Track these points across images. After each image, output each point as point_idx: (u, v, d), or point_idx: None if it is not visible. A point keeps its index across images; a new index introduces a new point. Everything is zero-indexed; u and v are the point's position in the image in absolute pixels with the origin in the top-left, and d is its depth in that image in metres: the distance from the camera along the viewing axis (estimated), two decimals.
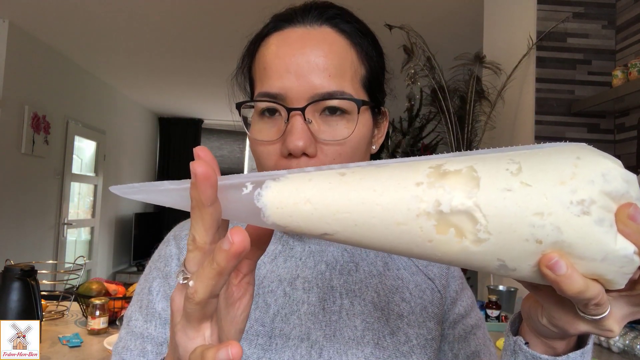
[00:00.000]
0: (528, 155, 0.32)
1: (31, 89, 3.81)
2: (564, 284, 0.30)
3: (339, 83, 0.51)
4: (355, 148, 0.53)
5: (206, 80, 4.92)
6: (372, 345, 0.55)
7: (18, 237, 3.72)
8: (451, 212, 0.30)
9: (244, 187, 0.31)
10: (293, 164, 0.50)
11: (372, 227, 0.31)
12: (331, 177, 0.32)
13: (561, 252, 0.30)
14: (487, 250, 0.31)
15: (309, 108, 0.50)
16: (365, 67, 0.55)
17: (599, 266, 0.31)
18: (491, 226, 0.30)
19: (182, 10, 3.19)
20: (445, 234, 0.31)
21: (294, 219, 0.32)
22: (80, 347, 1.45)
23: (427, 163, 0.32)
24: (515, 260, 0.31)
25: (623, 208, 0.30)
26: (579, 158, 0.31)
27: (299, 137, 0.49)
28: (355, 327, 0.56)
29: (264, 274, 0.58)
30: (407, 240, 0.31)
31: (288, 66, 0.51)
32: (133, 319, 0.57)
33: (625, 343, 1.52)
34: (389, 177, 0.32)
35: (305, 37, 0.52)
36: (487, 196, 0.30)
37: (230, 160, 7.15)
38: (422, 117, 2.94)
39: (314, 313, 0.56)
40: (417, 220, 0.31)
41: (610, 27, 2.12)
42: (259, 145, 0.53)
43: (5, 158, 3.53)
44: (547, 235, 0.30)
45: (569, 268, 0.30)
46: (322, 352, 0.54)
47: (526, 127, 2.16)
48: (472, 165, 0.31)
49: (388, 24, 2.21)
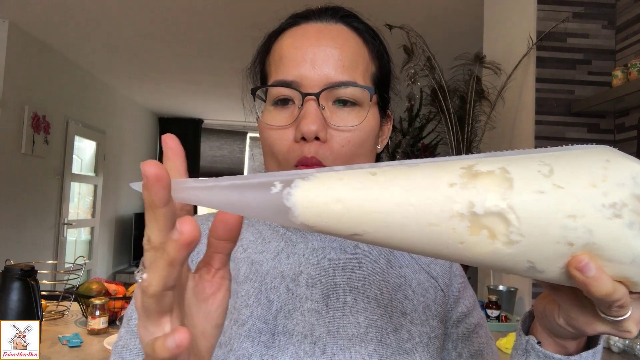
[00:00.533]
0: (558, 157, 0.32)
1: (31, 89, 3.81)
2: (592, 286, 0.31)
3: (352, 74, 0.54)
4: (364, 139, 0.55)
5: (206, 80, 4.92)
6: (376, 342, 0.55)
7: (18, 237, 3.72)
8: (485, 213, 0.30)
9: (273, 185, 0.31)
10: (305, 148, 0.52)
11: (403, 228, 0.31)
12: (362, 176, 0.32)
13: (591, 254, 0.30)
14: (518, 252, 0.31)
15: (322, 95, 0.52)
16: (376, 65, 0.58)
17: (627, 269, 0.31)
18: (524, 228, 0.30)
19: (182, 10, 3.19)
20: (477, 235, 0.31)
21: (323, 219, 0.31)
22: (80, 347, 1.45)
23: (459, 163, 0.32)
24: (545, 262, 0.31)
25: None
26: (609, 161, 0.32)
27: (313, 120, 0.51)
28: (358, 323, 0.56)
29: (266, 270, 0.58)
30: (437, 242, 0.31)
31: (304, 55, 0.53)
32: (133, 318, 0.57)
33: (625, 343, 1.52)
34: (422, 177, 0.31)
35: (322, 31, 0.55)
36: (520, 198, 0.30)
37: (231, 160, 7.15)
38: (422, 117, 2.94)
39: (317, 309, 0.56)
40: (450, 221, 0.30)
41: (610, 27, 2.12)
42: (270, 131, 0.55)
43: (5, 158, 3.53)
44: (578, 238, 0.30)
45: (598, 270, 0.30)
46: (326, 348, 0.54)
47: (526, 127, 2.16)
48: (504, 166, 0.31)
49: (388, 24, 2.21)
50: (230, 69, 4.29)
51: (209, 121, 7.04)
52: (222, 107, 6.17)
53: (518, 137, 2.24)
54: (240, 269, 0.59)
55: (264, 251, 0.60)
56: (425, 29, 2.36)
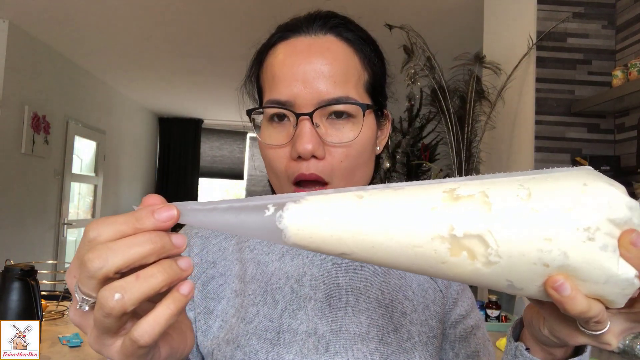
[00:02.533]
0: (537, 181, 0.34)
1: (31, 89, 3.81)
2: (567, 304, 0.32)
3: (344, 89, 0.54)
4: (362, 150, 0.56)
5: (206, 80, 4.92)
6: (377, 340, 0.57)
7: (18, 237, 3.72)
8: (464, 236, 0.32)
9: (266, 209, 0.33)
10: (302, 166, 0.53)
11: (388, 249, 0.33)
12: (349, 199, 0.34)
13: (566, 275, 0.32)
14: (497, 272, 0.33)
15: (316, 113, 0.53)
16: (368, 72, 0.58)
17: (601, 288, 0.33)
18: (502, 250, 0.32)
19: (182, 10, 3.19)
20: (458, 256, 0.33)
21: (314, 240, 0.33)
22: (80, 347, 1.45)
23: (441, 187, 0.34)
24: (523, 281, 0.33)
25: (626, 234, 0.32)
26: (586, 185, 0.33)
27: (308, 140, 0.52)
28: (360, 322, 0.58)
29: (272, 271, 0.61)
30: (421, 262, 0.33)
31: (295, 74, 0.53)
32: None
33: (625, 343, 1.52)
34: (405, 201, 0.33)
35: (311, 46, 0.55)
36: (498, 221, 0.32)
37: (230, 160, 7.15)
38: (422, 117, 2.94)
39: (320, 309, 0.58)
40: (432, 243, 0.32)
41: (610, 27, 2.12)
42: (269, 149, 0.56)
43: (5, 158, 3.53)
44: (553, 260, 0.32)
45: (573, 290, 0.32)
46: (329, 346, 0.56)
47: (526, 127, 2.16)
48: (484, 190, 0.33)
49: (388, 24, 2.21)
50: (230, 69, 4.29)
51: (209, 121, 7.04)
52: (222, 107, 6.17)
53: (518, 137, 2.24)
54: (247, 269, 0.61)
55: (269, 252, 0.62)
56: (425, 29, 2.35)
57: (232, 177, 7.16)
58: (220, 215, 0.33)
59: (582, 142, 2.09)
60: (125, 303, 0.29)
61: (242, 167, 7.14)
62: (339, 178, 0.54)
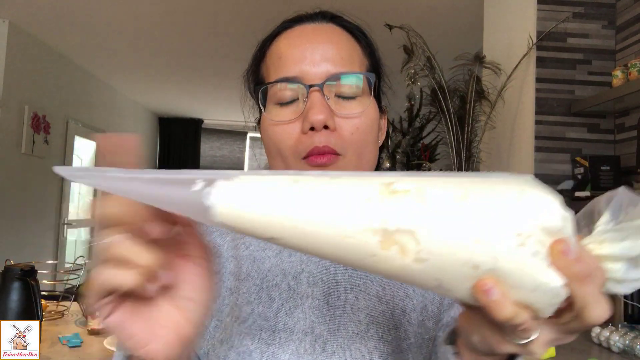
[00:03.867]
0: (475, 183, 0.33)
1: (31, 89, 3.81)
2: (494, 310, 0.32)
3: (350, 67, 0.56)
4: (370, 126, 0.56)
5: (206, 80, 4.92)
6: (376, 339, 0.56)
7: (18, 237, 3.72)
8: (396, 230, 0.31)
9: (194, 183, 0.31)
10: (315, 139, 0.52)
11: (318, 237, 0.32)
12: (284, 182, 0.32)
13: (496, 279, 0.32)
14: (426, 269, 0.32)
15: (326, 86, 0.54)
16: (368, 60, 0.60)
17: (529, 295, 0.32)
18: (432, 247, 0.31)
19: (182, 10, 3.19)
20: (388, 250, 0.32)
21: (242, 221, 0.32)
22: (80, 347, 1.45)
23: (379, 179, 0.33)
24: (452, 281, 0.33)
25: (557, 243, 0.32)
26: (523, 191, 0.33)
27: (320, 110, 0.52)
28: (359, 321, 0.56)
29: (268, 267, 0.59)
30: (351, 253, 0.32)
31: (303, 52, 0.55)
32: None
33: (625, 343, 1.52)
34: (340, 190, 0.32)
35: (316, 31, 0.58)
36: (432, 219, 0.32)
37: (231, 160, 7.15)
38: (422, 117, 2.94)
39: (318, 307, 0.57)
40: (363, 235, 0.31)
41: (610, 27, 2.12)
42: (277, 127, 0.55)
43: (5, 158, 3.53)
44: (483, 263, 0.31)
45: (501, 295, 0.32)
46: (326, 346, 0.55)
47: (526, 127, 2.16)
48: (421, 186, 0.33)
49: (388, 24, 2.21)
50: (230, 69, 4.29)
51: (209, 121, 7.04)
52: (222, 107, 6.17)
53: (518, 137, 2.24)
54: (242, 266, 0.60)
55: (266, 249, 0.61)
56: (425, 29, 2.35)
57: None
58: (143, 185, 0.31)
59: (582, 142, 2.09)
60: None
61: (242, 167, 7.14)
62: (351, 152, 0.54)
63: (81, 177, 0.32)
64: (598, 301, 0.33)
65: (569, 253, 0.31)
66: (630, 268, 0.35)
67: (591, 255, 0.34)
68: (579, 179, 1.98)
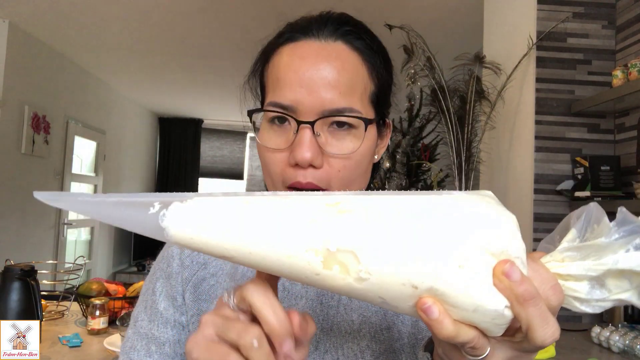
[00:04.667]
0: (422, 202, 0.34)
1: (31, 89, 3.81)
2: (434, 328, 0.32)
3: (349, 100, 0.53)
4: (360, 161, 0.55)
5: (206, 80, 4.92)
6: (369, 338, 0.56)
7: (18, 237, 3.72)
8: (337, 250, 0.32)
9: (152, 206, 0.34)
10: (299, 174, 0.52)
11: (265, 256, 0.33)
12: (234, 204, 0.34)
13: (435, 298, 0.32)
14: (368, 288, 0.33)
15: (318, 122, 0.52)
16: (374, 83, 0.57)
17: (471, 316, 0.32)
18: (372, 267, 0.32)
19: (182, 10, 3.19)
20: (330, 269, 0.33)
21: (195, 241, 0.34)
22: (80, 347, 1.45)
23: (324, 199, 0.34)
24: (394, 300, 0.33)
25: (500, 264, 0.32)
26: (470, 212, 0.33)
27: (307, 149, 0.51)
28: (352, 321, 0.57)
29: None
30: (297, 271, 0.33)
31: (301, 80, 0.52)
32: (139, 320, 0.60)
33: (625, 343, 1.52)
34: (286, 211, 0.34)
35: (319, 52, 0.54)
36: (373, 239, 0.32)
37: (231, 160, 7.15)
38: (422, 117, 2.94)
39: (311, 307, 0.58)
40: (306, 254, 0.33)
41: (610, 27, 2.11)
42: (267, 152, 0.55)
43: (5, 158, 3.53)
44: (422, 282, 0.32)
45: (441, 314, 0.32)
46: (319, 344, 0.56)
47: (526, 127, 2.16)
48: (365, 206, 0.33)
49: (388, 24, 2.21)
50: (230, 69, 4.29)
51: (209, 121, 7.04)
52: (222, 107, 6.16)
53: (518, 137, 2.24)
54: (238, 267, 0.61)
55: None
56: (425, 29, 2.35)
57: (232, 177, 7.16)
58: (108, 208, 0.34)
59: (582, 142, 2.09)
60: None
61: (242, 167, 7.14)
62: (337, 186, 0.54)
63: (57, 201, 0.35)
64: (544, 323, 0.32)
65: (511, 275, 0.31)
66: (594, 288, 0.34)
67: (546, 275, 0.34)
68: (579, 179, 1.98)
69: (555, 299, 0.33)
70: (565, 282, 0.34)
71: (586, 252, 0.34)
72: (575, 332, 1.78)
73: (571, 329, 1.82)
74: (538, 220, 2.06)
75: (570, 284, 0.34)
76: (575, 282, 0.34)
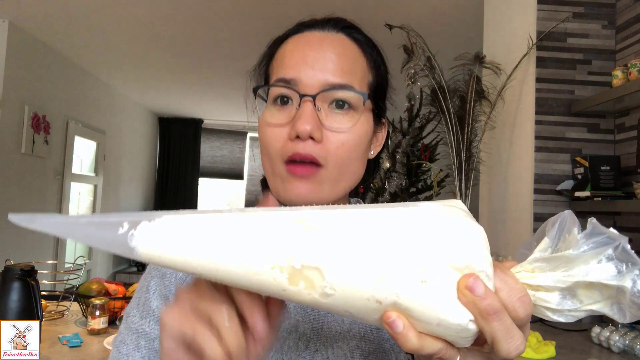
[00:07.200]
0: (388, 215, 0.34)
1: (31, 89, 3.81)
2: (400, 341, 0.33)
3: (349, 79, 0.56)
4: (358, 142, 0.57)
5: (206, 80, 4.92)
6: (358, 337, 0.57)
7: (18, 237, 3.72)
8: (302, 267, 0.33)
9: (121, 226, 0.34)
10: (299, 146, 0.54)
11: (231, 274, 0.33)
12: (201, 222, 0.35)
13: (399, 312, 0.33)
14: (334, 303, 0.33)
15: (319, 97, 0.54)
16: (373, 75, 0.61)
17: (435, 329, 0.33)
18: (336, 284, 0.32)
19: (182, 10, 3.19)
20: (296, 285, 0.33)
21: (163, 260, 0.34)
22: (80, 347, 1.45)
23: (291, 216, 0.35)
24: (361, 314, 0.34)
25: (464, 278, 0.32)
26: (435, 226, 0.33)
27: (308, 121, 0.53)
28: (342, 320, 0.58)
29: None
30: (265, 287, 0.34)
31: (305, 57, 0.56)
32: (131, 315, 0.61)
33: (625, 343, 1.52)
34: (252, 228, 0.34)
35: (323, 39, 0.58)
36: (336, 255, 0.32)
37: (230, 161, 7.15)
38: (422, 117, 2.94)
39: (302, 307, 0.59)
40: (271, 272, 0.33)
41: (610, 27, 2.12)
42: (268, 128, 0.57)
43: (5, 158, 3.53)
44: (385, 298, 0.32)
45: (405, 328, 0.32)
46: (309, 344, 0.57)
47: (526, 127, 2.16)
48: (330, 223, 0.34)
49: (388, 24, 2.21)
50: (230, 69, 4.29)
51: (209, 121, 7.04)
52: (222, 107, 6.16)
53: (518, 137, 2.24)
54: None
55: None
56: (425, 29, 2.35)
57: (232, 177, 7.16)
58: (81, 229, 0.35)
59: (582, 142, 2.09)
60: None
61: (242, 167, 7.14)
62: (333, 164, 0.55)
63: (32, 222, 0.36)
64: (508, 337, 0.32)
65: (474, 289, 0.31)
66: (565, 299, 0.34)
67: (515, 286, 0.33)
68: (579, 179, 1.98)
69: (523, 310, 0.33)
70: (536, 292, 0.34)
71: (555, 264, 0.34)
72: (575, 332, 1.78)
73: (571, 329, 1.82)
74: (538, 221, 2.06)
75: (541, 294, 0.34)
76: (546, 292, 0.34)
